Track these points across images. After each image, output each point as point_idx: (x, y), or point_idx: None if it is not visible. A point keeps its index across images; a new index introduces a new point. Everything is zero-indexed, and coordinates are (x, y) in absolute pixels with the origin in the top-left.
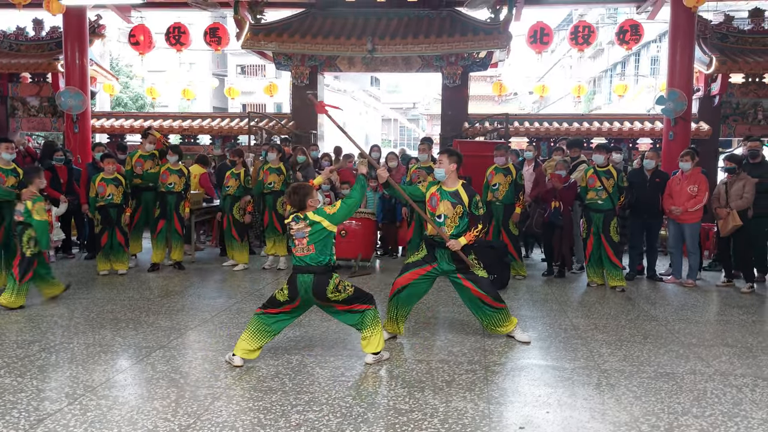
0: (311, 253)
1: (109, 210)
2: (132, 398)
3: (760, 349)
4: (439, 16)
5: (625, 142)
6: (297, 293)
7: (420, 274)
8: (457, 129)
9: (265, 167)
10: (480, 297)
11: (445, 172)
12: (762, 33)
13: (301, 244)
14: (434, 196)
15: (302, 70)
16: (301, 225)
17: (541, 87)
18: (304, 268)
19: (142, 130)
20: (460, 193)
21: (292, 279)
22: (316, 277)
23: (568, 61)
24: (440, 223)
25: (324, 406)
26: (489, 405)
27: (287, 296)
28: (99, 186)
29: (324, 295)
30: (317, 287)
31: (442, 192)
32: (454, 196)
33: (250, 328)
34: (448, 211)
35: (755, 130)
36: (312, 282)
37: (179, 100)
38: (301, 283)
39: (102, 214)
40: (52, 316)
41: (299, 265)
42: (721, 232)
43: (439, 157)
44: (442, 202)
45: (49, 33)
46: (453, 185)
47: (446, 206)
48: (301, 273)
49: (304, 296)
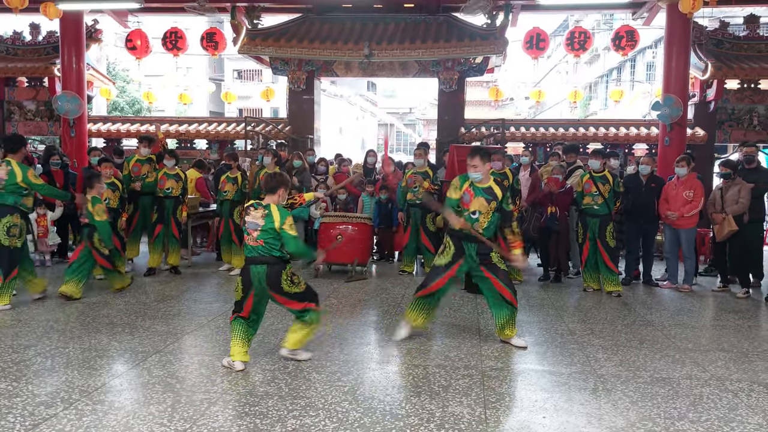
0: (260, 245)
1: None
2: (128, 403)
3: (755, 354)
4: (435, 22)
5: (621, 148)
6: (251, 284)
7: (450, 276)
8: (454, 134)
9: (262, 173)
10: (500, 291)
11: (482, 173)
12: (757, 39)
13: (251, 236)
14: (467, 192)
15: (299, 74)
16: (258, 214)
17: (537, 92)
18: (257, 259)
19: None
20: (493, 189)
21: (245, 270)
22: (269, 268)
23: (564, 67)
24: (474, 219)
25: (320, 411)
26: (486, 410)
27: (241, 291)
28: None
29: (278, 286)
30: (271, 278)
31: (476, 189)
32: (488, 192)
33: (234, 332)
34: (482, 207)
35: (750, 135)
36: (266, 272)
37: (176, 104)
38: (254, 273)
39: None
40: (48, 321)
41: (251, 255)
42: (717, 237)
43: (472, 160)
44: (476, 198)
45: (46, 37)
46: (487, 181)
47: (480, 202)
48: (254, 264)
49: (257, 287)
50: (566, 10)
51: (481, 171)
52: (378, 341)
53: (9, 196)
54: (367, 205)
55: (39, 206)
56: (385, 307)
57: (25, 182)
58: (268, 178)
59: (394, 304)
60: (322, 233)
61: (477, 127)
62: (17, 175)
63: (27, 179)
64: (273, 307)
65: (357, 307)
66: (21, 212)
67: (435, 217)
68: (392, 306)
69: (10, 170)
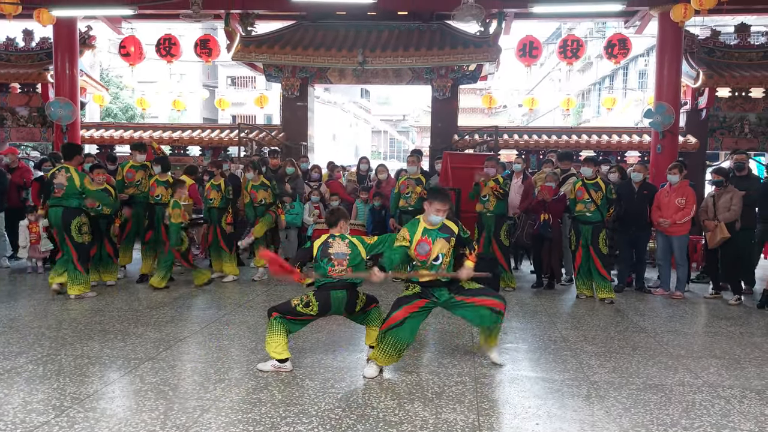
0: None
1: (99, 221)
2: (120, 410)
3: (747, 361)
4: (429, 29)
5: (614, 155)
6: (330, 307)
7: (419, 306)
8: (447, 141)
9: (249, 186)
10: (485, 304)
11: (443, 217)
12: (748, 48)
13: (341, 266)
14: (423, 242)
15: (293, 81)
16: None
17: (530, 100)
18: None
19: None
20: (447, 225)
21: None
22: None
23: (557, 75)
24: (437, 266)
25: (314, 418)
26: (479, 417)
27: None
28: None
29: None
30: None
31: (431, 232)
32: (445, 231)
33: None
34: (443, 248)
35: (742, 143)
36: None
37: (169, 111)
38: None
39: (91, 225)
40: (40, 327)
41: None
42: (709, 244)
43: (438, 205)
44: (435, 243)
45: (39, 44)
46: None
47: (441, 244)
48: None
49: (335, 311)
50: (559, 18)
51: (443, 215)
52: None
53: (73, 199)
54: (360, 212)
55: (31, 213)
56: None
57: (81, 188)
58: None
59: (387, 310)
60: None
61: (470, 134)
62: (75, 181)
63: (83, 186)
64: (263, 314)
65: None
66: (85, 212)
67: None
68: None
69: (69, 177)
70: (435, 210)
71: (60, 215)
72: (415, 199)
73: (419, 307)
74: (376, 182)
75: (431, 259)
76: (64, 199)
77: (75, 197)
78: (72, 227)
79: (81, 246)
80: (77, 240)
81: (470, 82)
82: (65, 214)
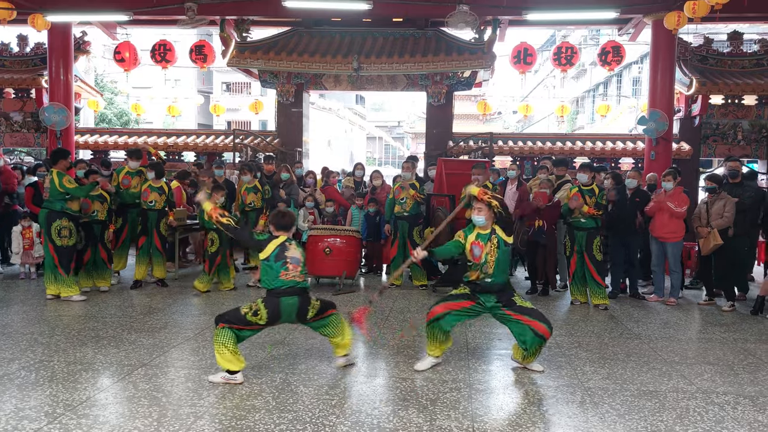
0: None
1: (93, 226)
2: (113, 417)
3: (741, 367)
4: (424, 36)
5: (608, 162)
6: (279, 315)
7: (463, 306)
8: (442, 147)
9: (243, 188)
10: (530, 325)
11: (485, 218)
12: (741, 55)
13: (294, 271)
14: (476, 245)
15: (288, 87)
16: (295, 248)
17: (524, 106)
18: (290, 290)
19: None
20: (496, 230)
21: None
22: (301, 298)
23: (552, 81)
24: (483, 265)
25: (308, 424)
26: (473, 423)
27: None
28: (83, 202)
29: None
30: (302, 306)
31: (481, 236)
32: (492, 234)
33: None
34: (490, 250)
35: (735, 150)
36: (298, 302)
37: (164, 116)
38: (285, 305)
39: (86, 230)
40: (32, 334)
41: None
42: (702, 251)
43: (479, 205)
44: (486, 245)
45: (34, 49)
46: (488, 227)
47: (489, 247)
48: (285, 295)
49: (286, 319)
50: (553, 26)
51: (484, 216)
52: (365, 354)
53: (57, 202)
54: (355, 218)
55: (23, 218)
56: (373, 320)
57: (61, 188)
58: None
59: (383, 317)
60: (310, 246)
61: (465, 141)
62: (55, 182)
63: (62, 185)
64: None
65: (344, 320)
66: (68, 215)
67: (423, 230)
68: (380, 319)
69: (51, 179)
70: (477, 210)
71: (44, 217)
72: (410, 204)
73: (462, 307)
74: (371, 188)
75: (481, 263)
76: (49, 203)
77: (58, 200)
78: (52, 230)
79: (60, 249)
80: (57, 243)
81: (465, 89)
82: (47, 216)
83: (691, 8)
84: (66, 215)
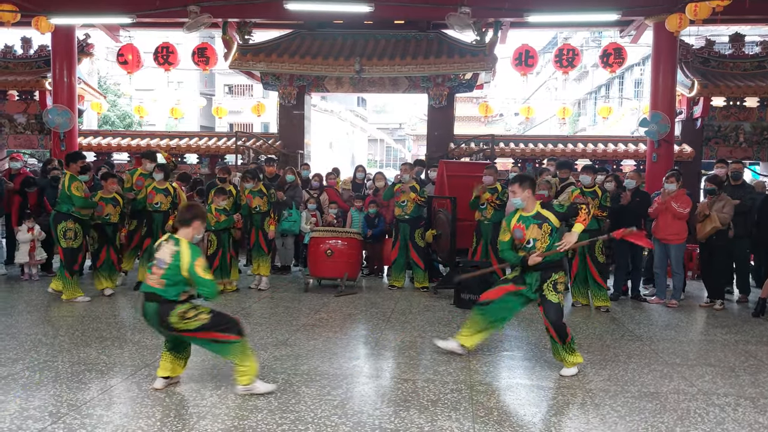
0: (160, 287)
1: (105, 228)
2: (116, 417)
3: (742, 369)
4: (426, 38)
5: (610, 164)
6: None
7: (509, 291)
8: (443, 149)
9: (246, 192)
10: (546, 324)
11: (521, 199)
12: (742, 57)
13: (157, 274)
14: (518, 228)
15: (290, 90)
16: (168, 250)
17: (526, 108)
18: (150, 295)
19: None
20: (542, 213)
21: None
22: (160, 306)
23: (554, 83)
24: (530, 248)
25: (310, 425)
26: (474, 424)
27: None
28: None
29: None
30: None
31: (525, 219)
32: (538, 218)
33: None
34: (537, 234)
35: (737, 152)
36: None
37: (167, 118)
38: (146, 309)
39: (99, 232)
40: (37, 334)
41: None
42: (699, 234)
43: (511, 187)
44: (529, 228)
45: (38, 51)
46: (532, 209)
47: (533, 230)
48: (146, 299)
49: (150, 324)
50: (555, 28)
51: (520, 196)
52: (367, 355)
53: (64, 204)
54: (355, 220)
55: (27, 219)
56: (374, 321)
57: (68, 191)
58: (181, 212)
59: (384, 318)
60: (312, 248)
61: (466, 143)
62: (65, 185)
63: (69, 189)
64: (259, 322)
65: (346, 322)
66: (74, 218)
67: (424, 232)
68: (382, 320)
69: (63, 181)
70: (511, 192)
71: (52, 218)
72: (411, 207)
73: (514, 291)
74: (373, 190)
75: (525, 244)
76: (58, 204)
77: (65, 202)
78: (58, 231)
79: (66, 250)
80: (62, 244)
81: (466, 91)
82: (55, 217)
83: (693, 10)
84: (72, 217)
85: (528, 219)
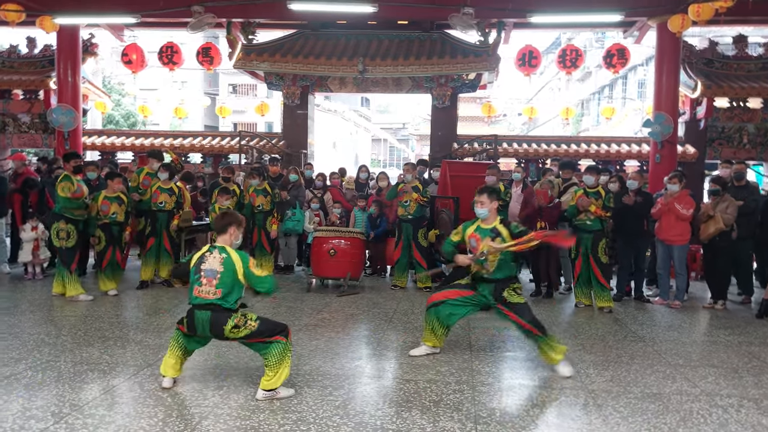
0: (217, 297)
1: (112, 228)
2: (119, 417)
3: (745, 370)
4: (429, 38)
5: (613, 165)
6: (195, 329)
7: (460, 295)
8: (446, 149)
9: (251, 189)
10: (522, 325)
11: (488, 210)
12: (746, 58)
13: (210, 285)
14: (473, 237)
15: (293, 90)
16: (216, 259)
17: (529, 109)
18: (203, 306)
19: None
20: (497, 228)
21: (190, 313)
22: (215, 315)
23: (557, 84)
24: (483, 261)
25: (312, 425)
26: (476, 425)
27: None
28: (102, 204)
29: (221, 332)
30: (217, 324)
31: (482, 230)
32: (493, 232)
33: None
34: (488, 246)
35: (741, 153)
36: (209, 319)
37: (171, 118)
38: (198, 319)
39: (105, 232)
40: (39, 334)
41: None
42: (701, 235)
43: (479, 197)
44: (484, 240)
45: (42, 51)
46: (492, 222)
47: (486, 242)
48: (199, 309)
49: (201, 333)
50: (558, 28)
51: (487, 208)
52: (370, 355)
53: (57, 204)
54: (359, 220)
55: (31, 218)
56: (377, 321)
57: (61, 192)
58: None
59: (386, 318)
60: (315, 247)
61: (470, 143)
62: (59, 185)
63: (59, 188)
64: None
65: (349, 322)
66: (66, 218)
67: (427, 232)
68: (384, 320)
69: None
70: (478, 203)
71: (49, 218)
72: (414, 207)
73: (462, 295)
74: (377, 190)
75: (479, 256)
76: (55, 204)
77: (58, 202)
78: (52, 231)
79: (61, 250)
80: (56, 244)
81: (470, 91)
82: (50, 218)
83: (696, 11)
84: (63, 218)
85: (485, 231)
